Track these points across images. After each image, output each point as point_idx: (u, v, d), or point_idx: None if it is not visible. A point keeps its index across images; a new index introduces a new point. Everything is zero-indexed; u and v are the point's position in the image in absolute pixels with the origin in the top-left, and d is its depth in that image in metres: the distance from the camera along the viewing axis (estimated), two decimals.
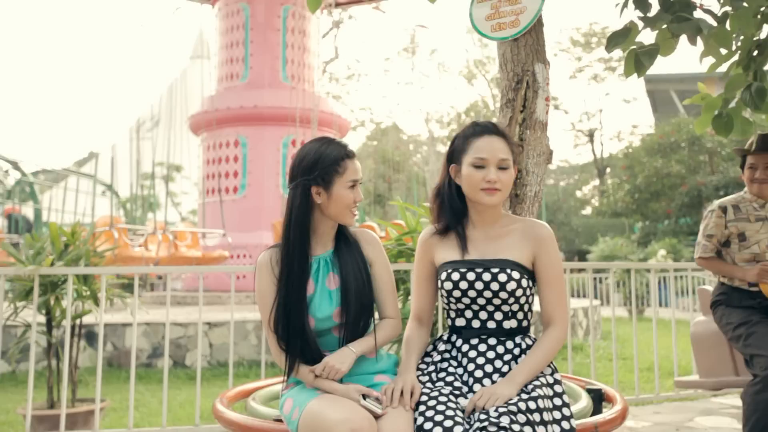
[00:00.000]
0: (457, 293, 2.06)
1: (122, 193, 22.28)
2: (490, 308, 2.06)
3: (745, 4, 2.96)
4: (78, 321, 4.21)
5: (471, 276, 2.04)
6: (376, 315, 2.24)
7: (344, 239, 2.20)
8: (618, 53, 3.00)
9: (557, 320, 2.07)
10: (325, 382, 2.01)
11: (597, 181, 33.17)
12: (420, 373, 2.06)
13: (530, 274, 2.09)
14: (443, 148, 32.25)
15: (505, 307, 2.05)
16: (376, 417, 1.88)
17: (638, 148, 25.04)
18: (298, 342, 2.07)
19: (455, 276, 2.06)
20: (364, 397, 1.93)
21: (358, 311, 2.11)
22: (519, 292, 2.03)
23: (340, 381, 2.04)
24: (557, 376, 2.04)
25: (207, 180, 12.24)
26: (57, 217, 14.88)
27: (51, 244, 4.22)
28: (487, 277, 2.03)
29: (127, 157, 16.96)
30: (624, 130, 37.80)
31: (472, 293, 2.04)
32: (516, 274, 2.03)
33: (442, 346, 2.13)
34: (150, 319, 6.97)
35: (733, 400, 5.29)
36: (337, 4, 13.90)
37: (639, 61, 2.89)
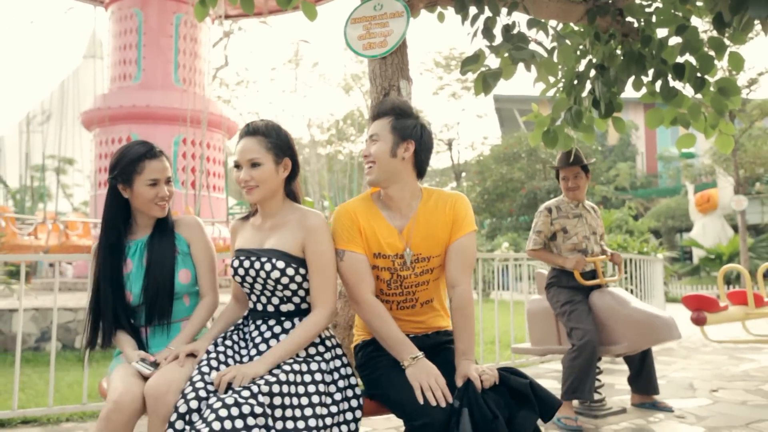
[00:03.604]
0: (238, 278, 2.04)
1: (11, 184, 20.39)
2: (267, 293, 2.02)
3: (567, 42, 3.20)
4: None
5: (246, 264, 2.00)
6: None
7: (161, 226, 2.23)
8: (472, 75, 3.13)
9: (320, 304, 1.99)
10: (126, 347, 2.10)
11: (454, 184, 34.37)
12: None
13: (300, 262, 2.01)
14: (323, 151, 32.18)
15: (279, 293, 2.01)
16: (147, 377, 1.91)
17: (488, 156, 26.17)
18: (111, 314, 2.13)
19: (235, 263, 2.04)
20: (142, 360, 1.97)
21: (155, 290, 2.14)
22: (285, 279, 1.98)
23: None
24: (333, 352, 2.03)
25: (99, 173, 11.47)
26: None
27: None
28: (257, 265, 1.98)
29: (17, 149, 15.55)
30: (476, 141, 39.50)
31: (248, 279, 2.01)
32: (280, 264, 1.97)
33: (239, 323, 2.13)
34: (39, 305, 6.45)
35: (556, 365, 5.69)
36: (227, 16, 13.47)
37: (486, 82, 3.04)
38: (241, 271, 2.02)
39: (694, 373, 5.43)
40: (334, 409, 1.87)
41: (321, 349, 2.01)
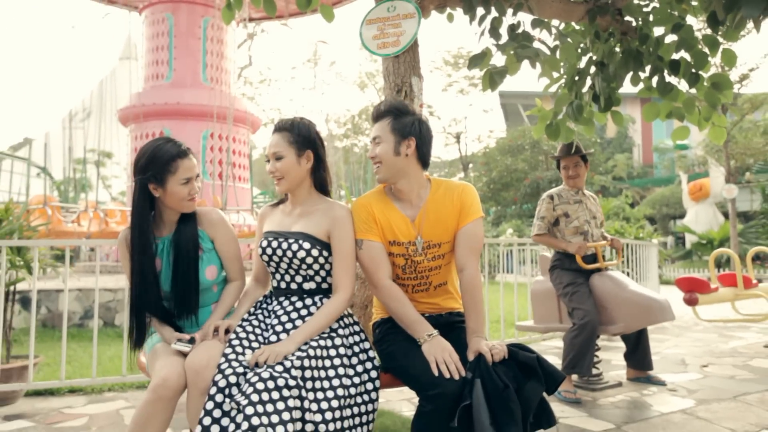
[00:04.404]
0: (265, 258, 2.07)
1: (56, 176, 20.58)
2: (291, 272, 2.05)
3: (569, 40, 3.16)
4: (12, 287, 3.88)
5: (274, 244, 2.04)
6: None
7: (184, 222, 2.14)
8: (479, 72, 3.10)
9: (342, 287, 2.02)
10: (163, 331, 2.09)
11: (462, 174, 34.14)
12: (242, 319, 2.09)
13: (324, 245, 2.04)
14: (340, 144, 32.15)
15: (302, 272, 2.04)
16: (186, 354, 1.93)
17: (494, 149, 25.96)
18: (151, 308, 2.09)
19: (264, 243, 2.07)
20: (179, 341, 1.98)
21: (183, 288, 2.09)
22: (309, 260, 2.02)
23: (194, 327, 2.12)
24: (352, 329, 2.05)
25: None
26: None
27: None
28: (284, 245, 2.02)
29: (60, 143, 15.67)
30: (483, 134, 39.14)
31: (275, 258, 2.04)
32: (306, 245, 2.01)
33: (262, 300, 2.15)
34: (82, 286, 6.55)
35: (556, 342, 5.68)
36: (251, 19, 13.42)
37: (493, 79, 3.01)
38: (269, 251, 2.05)
39: (686, 350, 5.40)
40: (356, 380, 1.89)
41: (342, 325, 2.03)
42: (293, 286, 2.07)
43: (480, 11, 2.94)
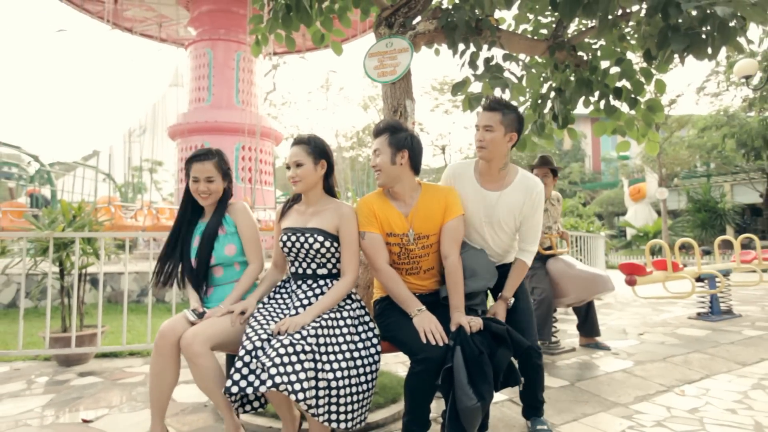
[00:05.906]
0: (285, 250, 2.07)
1: (118, 181, 20.53)
2: (308, 260, 2.05)
3: (533, 70, 3.15)
4: (84, 270, 3.87)
5: (293, 238, 2.04)
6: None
7: (216, 213, 2.21)
8: (460, 96, 3.10)
9: (349, 271, 2.02)
10: (190, 297, 2.11)
11: None
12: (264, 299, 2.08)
13: (334, 237, 2.05)
14: (347, 155, 32.04)
15: (317, 260, 2.04)
16: (192, 323, 1.93)
17: (472, 159, 25.89)
18: (185, 270, 2.16)
19: (284, 238, 2.07)
20: (193, 311, 1.98)
21: (198, 261, 2.13)
22: (323, 250, 2.02)
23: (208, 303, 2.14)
24: (357, 304, 2.05)
25: (181, 172, 11.54)
26: (68, 197, 13.47)
27: (62, 215, 3.86)
28: (302, 239, 2.03)
29: (122, 154, 15.64)
30: (464, 146, 39.00)
31: (294, 250, 2.04)
32: (320, 238, 2.02)
33: (281, 284, 2.15)
34: (138, 269, 6.55)
35: None
36: (275, 53, 13.41)
37: (471, 102, 3.01)
38: (288, 244, 2.05)
39: (627, 321, 5.41)
40: (360, 345, 1.91)
41: (348, 301, 2.03)
42: (309, 271, 2.07)
43: (461, 47, 2.93)
